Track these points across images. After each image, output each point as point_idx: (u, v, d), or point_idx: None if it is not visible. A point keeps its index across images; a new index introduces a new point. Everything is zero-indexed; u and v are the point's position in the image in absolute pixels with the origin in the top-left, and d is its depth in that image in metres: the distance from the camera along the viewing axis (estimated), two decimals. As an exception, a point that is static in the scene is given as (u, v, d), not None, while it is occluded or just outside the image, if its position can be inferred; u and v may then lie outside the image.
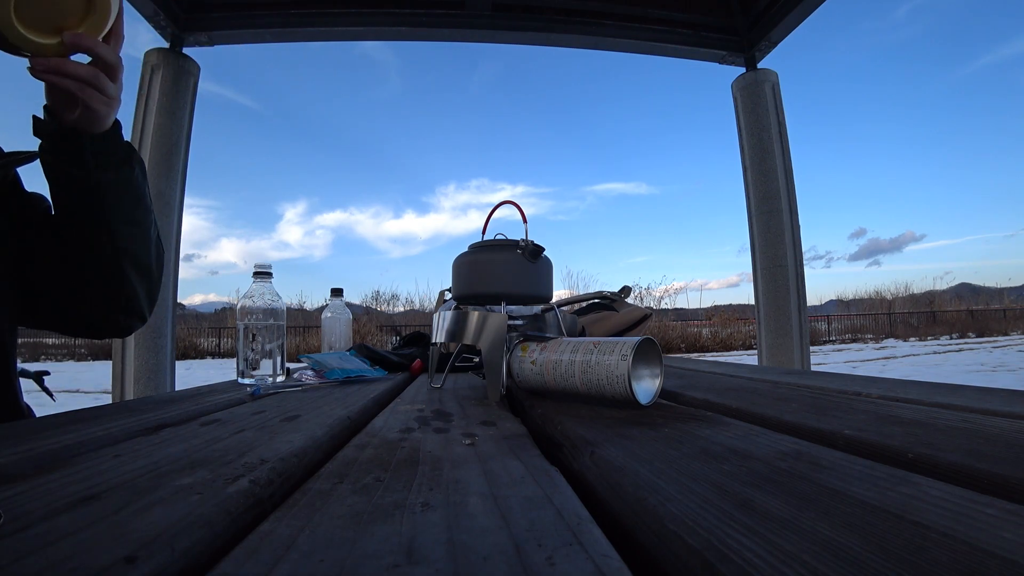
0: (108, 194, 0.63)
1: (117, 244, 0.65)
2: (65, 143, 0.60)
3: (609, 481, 0.29)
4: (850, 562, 0.18)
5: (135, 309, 0.71)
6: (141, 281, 0.70)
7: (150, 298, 0.73)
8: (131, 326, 0.73)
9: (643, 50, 3.21)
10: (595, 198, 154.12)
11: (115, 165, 0.63)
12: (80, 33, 0.54)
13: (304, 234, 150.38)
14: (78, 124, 0.59)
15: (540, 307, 0.70)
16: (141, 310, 0.72)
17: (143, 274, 0.70)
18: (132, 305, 0.70)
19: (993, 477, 0.27)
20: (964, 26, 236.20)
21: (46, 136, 0.60)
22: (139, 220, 0.67)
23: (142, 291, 0.70)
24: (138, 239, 0.67)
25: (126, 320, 0.71)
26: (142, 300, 0.71)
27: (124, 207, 0.65)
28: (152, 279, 0.72)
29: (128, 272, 0.67)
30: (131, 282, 0.68)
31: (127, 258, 0.66)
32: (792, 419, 0.44)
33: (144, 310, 0.72)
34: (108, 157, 0.62)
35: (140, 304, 0.71)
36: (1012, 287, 33.32)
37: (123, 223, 0.65)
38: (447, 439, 0.41)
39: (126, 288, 0.68)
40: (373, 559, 0.20)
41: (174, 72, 2.79)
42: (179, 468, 0.32)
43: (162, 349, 2.71)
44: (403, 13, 2.91)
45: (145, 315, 0.73)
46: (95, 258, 0.65)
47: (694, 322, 16.91)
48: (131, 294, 0.69)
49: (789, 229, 3.01)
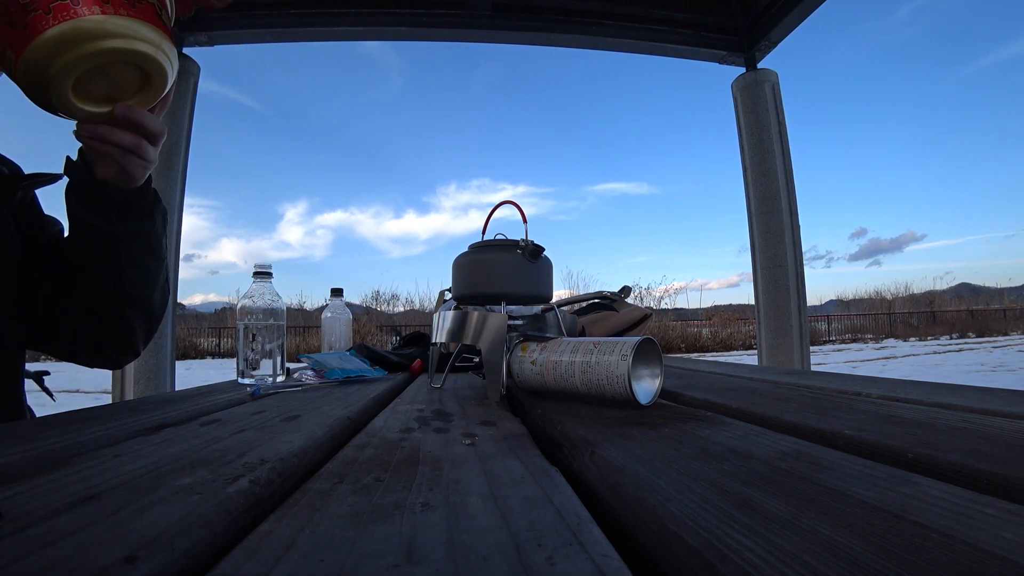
0: (124, 243, 0.62)
1: (124, 289, 0.64)
2: (93, 194, 0.59)
3: (609, 481, 0.29)
4: (850, 562, 0.18)
5: (130, 346, 0.70)
6: (141, 322, 0.69)
7: (147, 336, 0.72)
8: (122, 360, 0.72)
9: (643, 50, 3.21)
10: (596, 198, 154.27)
11: (137, 217, 0.63)
12: (131, 106, 0.53)
13: (305, 234, 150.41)
14: (111, 179, 0.59)
15: (540, 307, 0.70)
16: (136, 347, 0.71)
17: (145, 316, 0.69)
18: (128, 343, 0.70)
19: (993, 477, 0.27)
20: (965, 26, 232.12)
21: (75, 181, 0.59)
22: (150, 268, 0.67)
23: (140, 331, 0.70)
24: (145, 285, 0.67)
25: (119, 356, 0.71)
26: (139, 339, 0.71)
27: (137, 256, 0.64)
28: (153, 320, 0.71)
29: (129, 314, 0.67)
30: (131, 323, 0.68)
31: (131, 302, 0.66)
32: (792, 419, 0.44)
33: (139, 347, 0.72)
34: (131, 211, 0.62)
35: (136, 342, 0.71)
36: (1012, 287, 33.34)
37: (133, 269, 0.64)
38: (447, 439, 0.41)
39: (124, 328, 0.67)
40: (373, 559, 0.20)
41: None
42: (179, 468, 0.32)
43: (162, 349, 2.71)
44: (403, 13, 2.91)
45: (139, 351, 0.73)
46: (99, 298, 0.64)
47: (694, 322, 16.91)
48: (128, 333, 0.68)
49: (789, 229, 3.01)
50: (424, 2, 2.91)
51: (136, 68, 0.51)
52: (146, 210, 0.64)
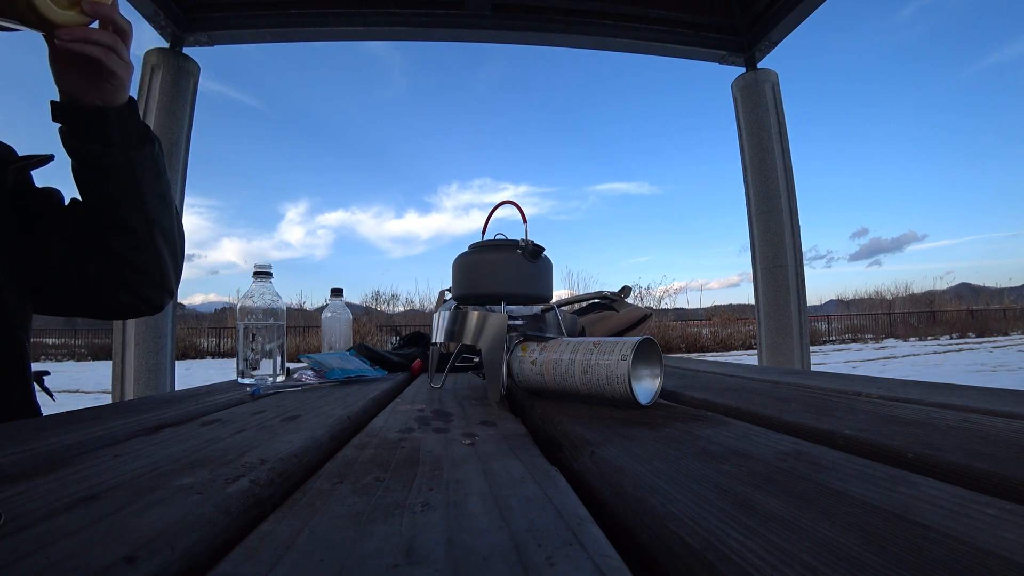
0: (137, 170, 0.66)
1: (149, 216, 0.68)
2: (92, 122, 0.62)
3: (609, 481, 0.29)
4: (850, 562, 0.18)
5: (164, 282, 0.73)
6: (170, 253, 0.73)
7: (176, 273, 0.76)
8: (162, 301, 0.75)
9: (643, 50, 3.21)
10: (597, 198, 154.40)
11: (139, 141, 0.66)
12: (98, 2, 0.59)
13: (305, 234, 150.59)
14: (102, 100, 0.62)
15: (540, 307, 0.70)
16: (170, 283, 0.74)
17: (171, 245, 0.73)
18: (163, 277, 0.73)
19: (993, 477, 0.27)
20: (969, 26, 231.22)
21: (70, 118, 0.62)
22: (164, 193, 0.70)
23: (170, 263, 0.73)
24: (164, 211, 0.70)
25: (159, 295, 0.74)
26: (170, 272, 0.74)
27: (150, 181, 0.68)
28: (178, 253, 0.75)
29: (160, 244, 0.70)
30: (163, 254, 0.71)
31: (158, 230, 0.69)
32: (792, 419, 0.44)
33: (173, 284, 0.75)
34: (132, 132, 0.65)
35: (169, 277, 0.74)
36: (1012, 287, 33.33)
37: (151, 195, 0.68)
38: (447, 439, 0.41)
39: (159, 260, 0.71)
40: (373, 559, 0.20)
41: (174, 72, 2.79)
42: (179, 468, 0.32)
43: (162, 349, 2.71)
44: (403, 13, 2.91)
45: (174, 289, 0.76)
46: (130, 233, 0.67)
47: (694, 322, 16.91)
48: (162, 265, 0.72)
49: (789, 229, 3.01)
50: (424, 2, 2.91)
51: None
52: (143, 131, 0.67)
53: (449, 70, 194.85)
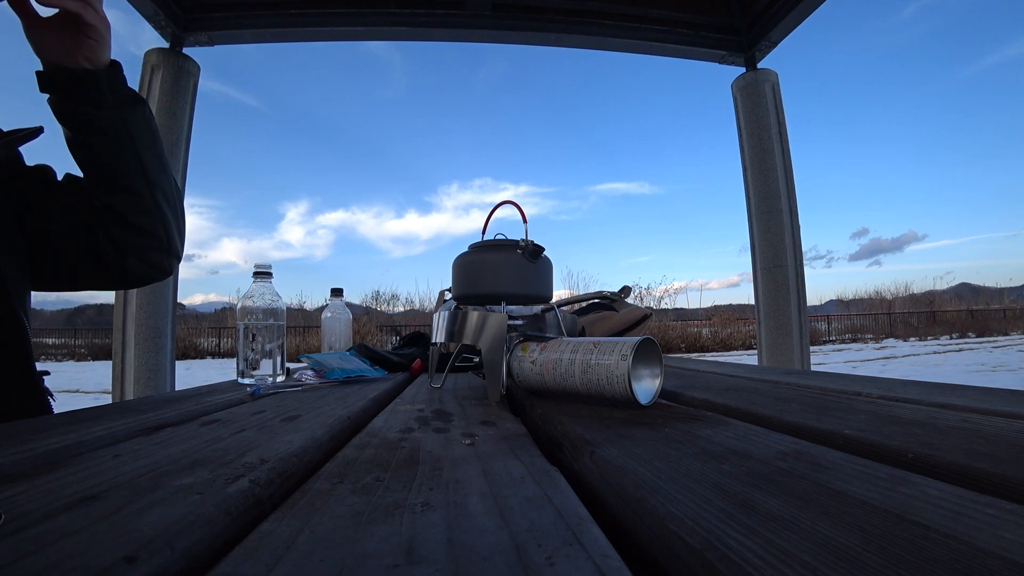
0: (132, 130, 0.66)
1: (150, 178, 0.68)
2: (81, 84, 0.62)
3: (609, 481, 0.29)
4: (850, 562, 0.18)
5: (170, 244, 0.74)
6: (173, 215, 0.73)
7: (180, 235, 0.76)
8: (171, 265, 0.76)
9: (643, 50, 3.21)
10: (598, 197, 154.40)
11: (131, 102, 0.67)
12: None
13: (306, 234, 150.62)
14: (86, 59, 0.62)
15: (540, 307, 0.70)
16: (175, 246, 0.75)
17: (173, 208, 0.73)
18: (169, 239, 0.73)
19: (993, 477, 0.27)
20: (970, 26, 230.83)
21: (59, 84, 0.62)
22: (160, 154, 0.71)
23: (174, 225, 0.74)
24: (163, 172, 0.71)
25: (167, 259, 0.75)
26: (175, 234, 0.74)
27: (147, 141, 0.68)
28: (179, 214, 0.76)
29: (162, 205, 0.71)
30: (167, 216, 0.72)
31: (159, 191, 0.70)
32: (792, 419, 0.44)
33: (177, 247, 0.76)
34: (122, 93, 0.66)
35: (173, 240, 0.74)
36: (1012, 287, 33.32)
37: (148, 153, 0.68)
38: (447, 439, 0.41)
39: (164, 222, 0.71)
40: (373, 559, 0.20)
41: (174, 72, 2.79)
42: (179, 468, 0.32)
43: (162, 349, 2.71)
44: (403, 13, 2.91)
45: (179, 252, 0.77)
46: (134, 197, 0.68)
47: (694, 322, 16.90)
48: (168, 228, 0.72)
49: (789, 229, 3.01)
50: (424, 2, 2.91)
51: None
52: (131, 93, 0.68)
53: (449, 70, 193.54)
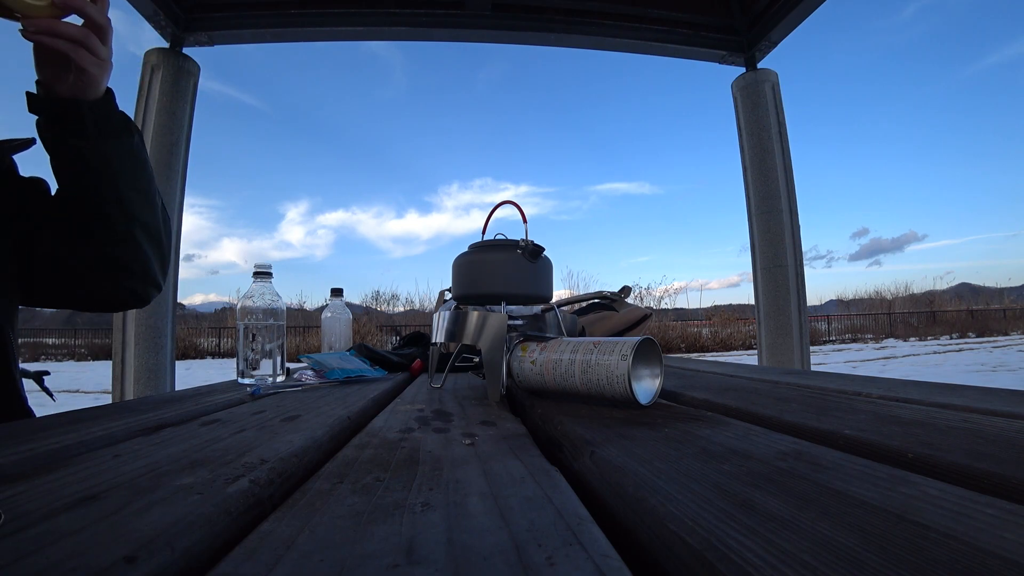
0: (113, 163, 0.64)
1: (128, 212, 0.66)
2: (65, 114, 0.61)
3: (609, 481, 0.29)
4: (850, 562, 0.18)
5: (150, 276, 0.72)
6: (153, 248, 0.71)
7: (162, 265, 0.74)
8: (148, 294, 0.74)
9: (643, 50, 3.21)
10: (598, 197, 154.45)
11: (116, 133, 0.64)
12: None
13: (306, 234, 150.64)
14: (74, 92, 0.60)
15: (540, 307, 0.70)
16: (155, 277, 0.73)
17: (154, 241, 0.71)
18: (147, 272, 0.71)
19: (993, 477, 0.27)
20: (971, 26, 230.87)
21: (44, 110, 0.61)
22: (144, 187, 0.68)
23: (155, 257, 0.72)
24: (146, 205, 0.69)
25: (144, 288, 0.73)
26: (154, 266, 0.72)
27: (129, 175, 0.66)
28: (163, 246, 0.73)
29: (140, 239, 0.68)
30: (144, 249, 0.69)
31: (138, 225, 0.68)
32: (792, 419, 0.44)
33: (158, 277, 0.74)
34: (108, 125, 0.64)
35: (153, 271, 0.72)
36: (1012, 287, 33.32)
37: (130, 190, 0.66)
38: (447, 439, 0.41)
39: (140, 255, 0.69)
40: (373, 559, 0.20)
41: (174, 72, 2.79)
42: (179, 468, 0.32)
43: (162, 349, 2.71)
44: (403, 13, 2.91)
45: (160, 282, 0.74)
46: (108, 228, 0.66)
47: (694, 322, 16.90)
48: (145, 261, 0.70)
49: (789, 229, 3.01)
50: (424, 2, 2.91)
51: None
52: (120, 124, 0.65)
53: (450, 70, 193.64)
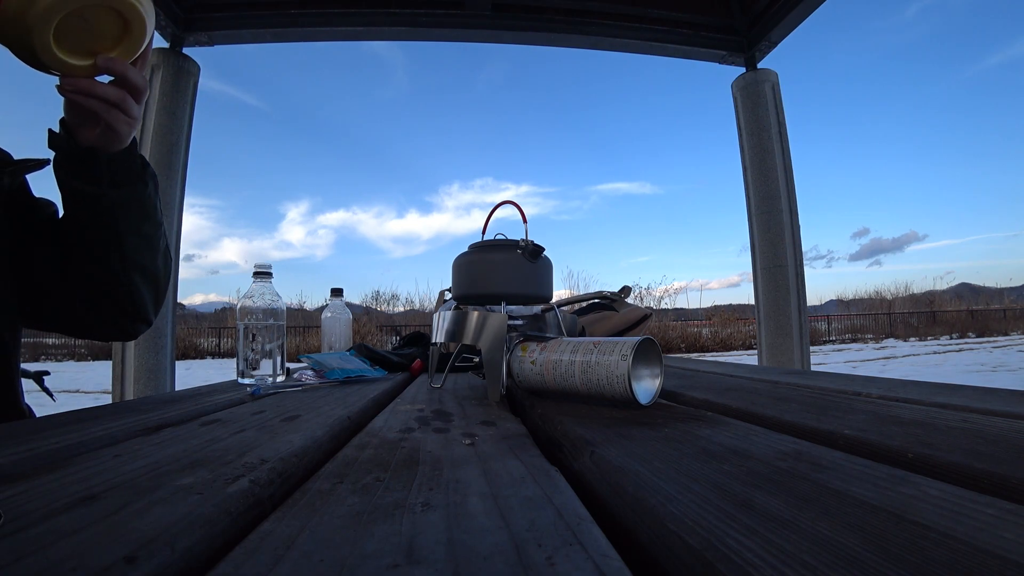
0: (119, 210, 0.63)
1: (126, 256, 0.65)
2: (80, 162, 0.59)
3: (609, 481, 0.29)
4: (850, 562, 0.18)
5: (141, 314, 0.71)
6: (149, 289, 0.70)
7: (156, 304, 0.73)
8: (136, 330, 0.73)
9: (643, 50, 3.21)
10: (599, 197, 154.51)
11: (128, 182, 0.63)
12: (113, 58, 0.55)
13: (306, 234, 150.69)
14: (96, 143, 0.59)
15: (540, 307, 0.70)
16: (147, 315, 0.72)
17: (151, 283, 0.70)
18: (138, 311, 0.70)
19: (993, 477, 0.27)
20: (970, 27, 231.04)
21: (61, 152, 0.60)
22: (148, 234, 0.67)
23: (149, 298, 0.71)
24: (146, 251, 0.68)
25: (132, 325, 0.72)
26: (148, 306, 0.71)
27: (134, 221, 0.65)
28: (160, 287, 0.72)
29: (136, 281, 0.67)
30: (139, 290, 0.68)
31: (135, 269, 0.67)
32: (792, 419, 0.44)
33: (150, 315, 0.73)
34: (122, 175, 0.62)
35: (147, 310, 0.71)
36: (1012, 287, 33.32)
37: (132, 235, 0.65)
38: (447, 439, 0.41)
39: (134, 296, 0.68)
40: (373, 559, 0.20)
41: (174, 72, 2.79)
42: (179, 468, 0.32)
43: (162, 349, 2.71)
44: (403, 13, 2.91)
45: (151, 319, 0.73)
46: (104, 268, 0.65)
47: (694, 322, 16.91)
48: (138, 301, 0.69)
49: (789, 229, 3.01)
50: (424, 2, 2.91)
51: (114, 14, 0.52)
52: (136, 174, 0.64)
53: (451, 70, 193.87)
